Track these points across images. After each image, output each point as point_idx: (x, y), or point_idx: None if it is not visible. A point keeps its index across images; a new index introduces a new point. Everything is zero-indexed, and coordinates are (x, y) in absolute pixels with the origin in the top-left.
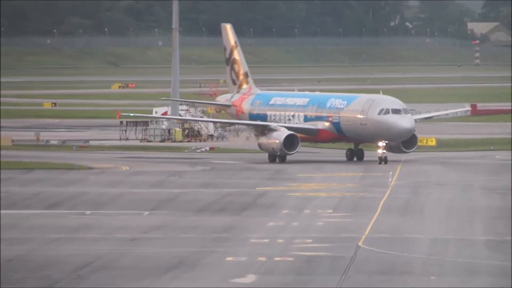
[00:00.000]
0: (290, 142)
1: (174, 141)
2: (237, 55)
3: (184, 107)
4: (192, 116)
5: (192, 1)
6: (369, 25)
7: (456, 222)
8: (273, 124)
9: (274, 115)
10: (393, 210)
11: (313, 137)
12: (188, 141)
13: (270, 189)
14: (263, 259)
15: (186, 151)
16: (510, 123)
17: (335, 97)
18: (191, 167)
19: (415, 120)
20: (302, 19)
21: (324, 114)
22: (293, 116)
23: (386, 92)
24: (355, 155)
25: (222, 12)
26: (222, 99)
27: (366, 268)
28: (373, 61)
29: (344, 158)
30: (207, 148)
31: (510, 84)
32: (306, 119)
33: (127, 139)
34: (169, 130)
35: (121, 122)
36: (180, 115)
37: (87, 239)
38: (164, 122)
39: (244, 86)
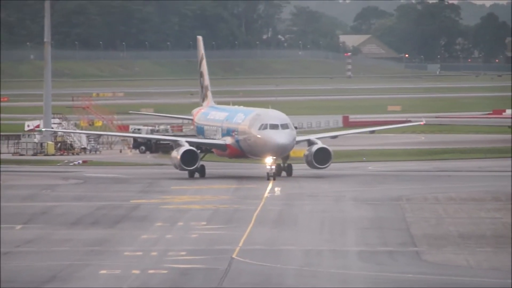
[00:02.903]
0: (188, 158)
1: (47, 155)
2: (202, 67)
3: (57, 120)
4: (65, 129)
5: (65, 14)
6: (242, 38)
7: (329, 233)
8: (181, 140)
9: (208, 129)
10: (266, 222)
11: (225, 152)
12: (61, 155)
13: (144, 201)
14: (137, 272)
15: (58, 164)
16: (380, 135)
17: (241, 111)
18: (64, 180)
19: (333, 137)
20: (175, 32)
21: (231, 129)
22: (215, 130)
23: (257, 104)
24: (284, 171)
25: (95, 25)
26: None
27: (241, 280)
28: (246, 73)
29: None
30: (80, 162)
31: (379, 96)
32: (223, 134)
33: None
34: (41, 144)
35: None
36: (52, 128)
37: None
38: (36, 136)
39: (206, 99)
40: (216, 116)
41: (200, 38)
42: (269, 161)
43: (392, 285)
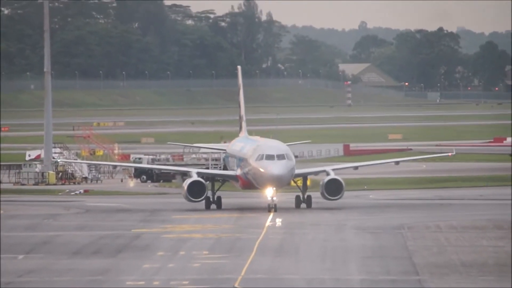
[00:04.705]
0: (196, 189)
1: (48, 184)
2: (240, 97)
3: (58, 149)
4: (66, 158)
5: (64, 45)
6: (242, 67)
7: (331, 262)
8: (192, 171)
9: (230, 159)
10: (268, 250)
11: (238, 183)
12: (62, 184)
13: (145, 231)
14: None
15: (60, 194)
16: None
17: (250, 141)
18: (66, 210)
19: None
20: (174, 61)
21: (241, 159)
22: (234, 161)
23: (258, 133)
24: (303, 202)
25: (95, 55)
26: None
27: None
28: (247, 102)
29: (292, 205)
30: (81, 191)
31: (380, 124)
32: (237, 165)
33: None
34: (42, 173)
35: None
36: (54, 158)
37: None
38: (38, 165)
39: (241, 129)
40: (237, 146)
41: (239, 68)
42: (269, 193)
43: None
